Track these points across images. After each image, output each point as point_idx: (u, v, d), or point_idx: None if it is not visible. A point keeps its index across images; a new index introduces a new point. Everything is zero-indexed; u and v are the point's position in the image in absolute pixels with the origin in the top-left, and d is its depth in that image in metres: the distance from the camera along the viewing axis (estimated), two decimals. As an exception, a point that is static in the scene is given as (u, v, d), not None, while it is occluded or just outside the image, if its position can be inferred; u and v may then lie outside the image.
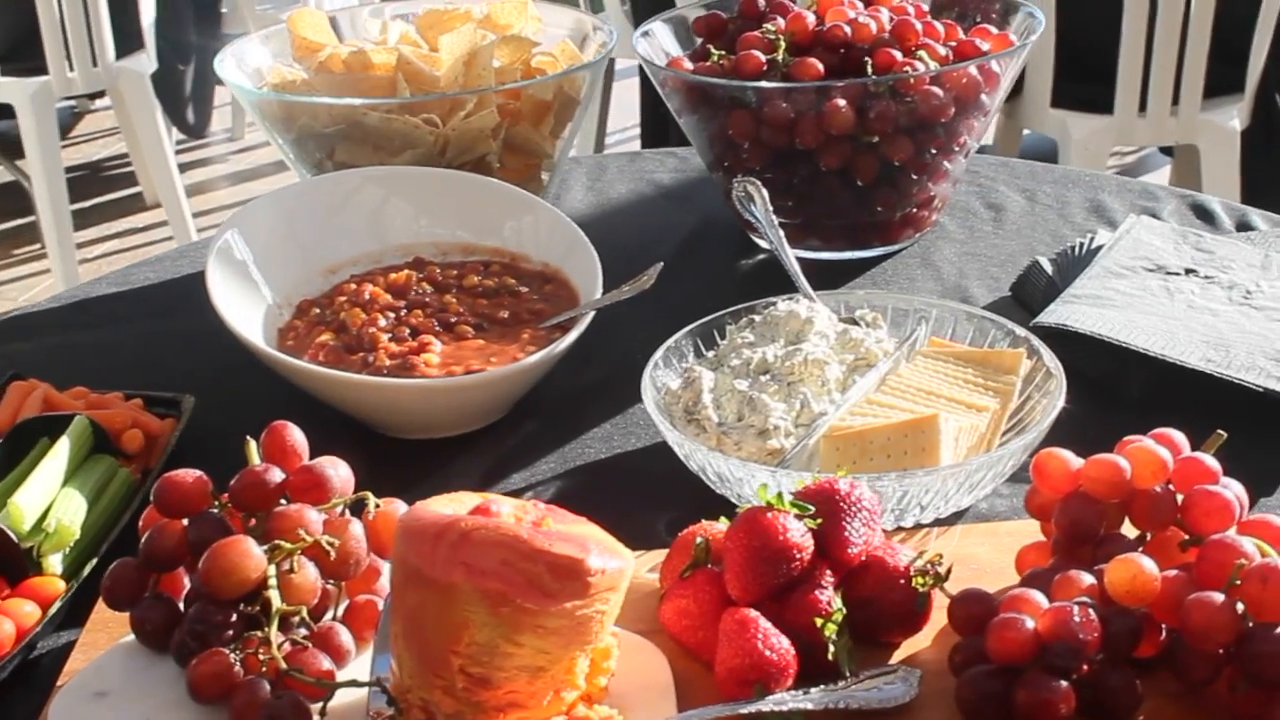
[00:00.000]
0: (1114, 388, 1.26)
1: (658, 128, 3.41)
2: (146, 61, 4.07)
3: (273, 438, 0.94)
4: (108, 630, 0.99)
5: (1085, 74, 2.98)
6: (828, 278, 1.48)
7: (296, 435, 0.95)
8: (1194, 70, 2.92)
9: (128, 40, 4.00)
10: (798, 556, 0.90)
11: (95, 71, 3.92)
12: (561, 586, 0.78)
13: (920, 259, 1.53)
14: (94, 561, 1.07)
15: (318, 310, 1.31)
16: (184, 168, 4.33)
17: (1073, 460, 0.94)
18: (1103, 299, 1.32)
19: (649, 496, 1.16)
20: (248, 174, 5.03)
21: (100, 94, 4.59)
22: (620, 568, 0.81)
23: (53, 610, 1.02)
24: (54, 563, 1.07)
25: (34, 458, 1.15)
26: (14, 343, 1.48)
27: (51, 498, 1.09)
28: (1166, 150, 3.90)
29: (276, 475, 0.92)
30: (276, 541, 0.88)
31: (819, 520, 0.92)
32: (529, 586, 0.77)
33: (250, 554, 0.86)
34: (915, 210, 1.52)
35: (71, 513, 1.08)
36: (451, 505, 0.83)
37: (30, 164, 4.01)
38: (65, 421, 1.18)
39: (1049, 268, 1.42)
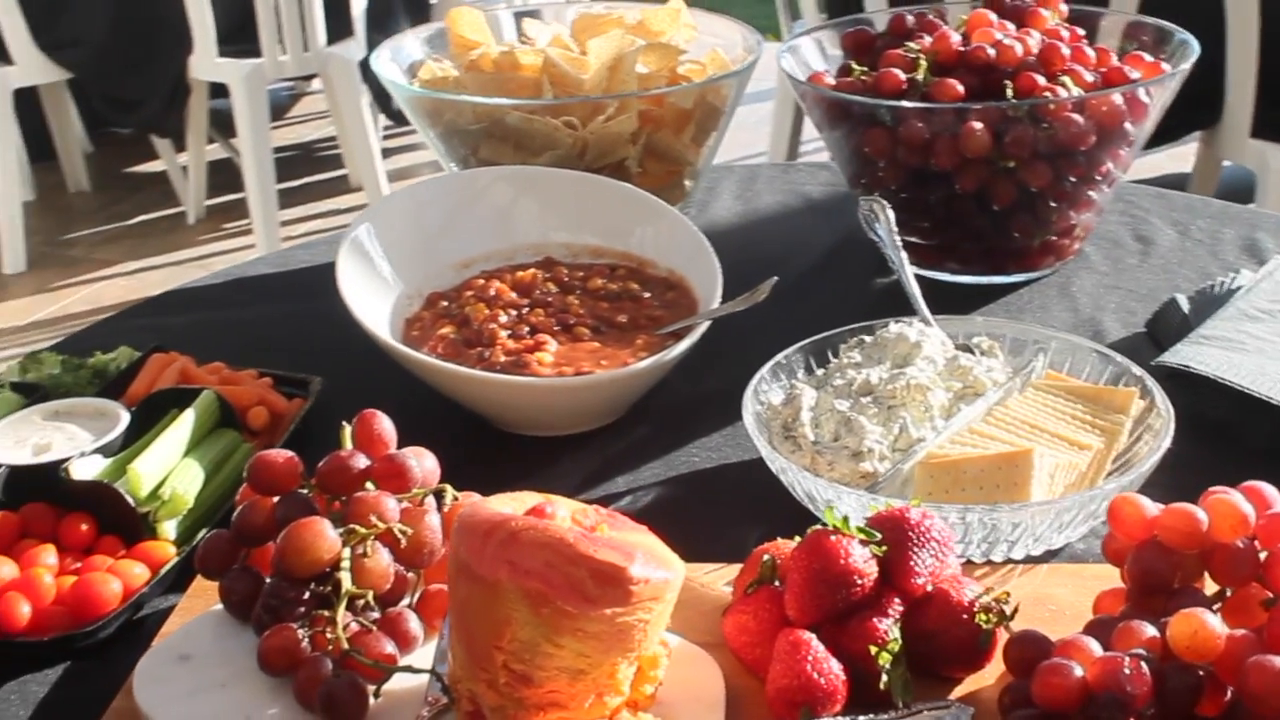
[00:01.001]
0: (1237, 435, 1.22)
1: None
2: (356, 48, 4.21)
3: (362, 425, 0.98)
4: (205, 597, 1.04)
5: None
6: (962, 301, 1.47)
7: (385, 424, 0.98)
8: None
9: (339, 27, 4.14)
10: (858, 582, 0.90)
11: (306, 56, 4.07)
12: (602, 592, 0.79)
13: (1059, 288, 1.51)
14: (205, 530, 1.13)
15: (445, 303, 1.35)
16: (387, 153, 4.47)
17: (1150, 507, 0.92)
18: (1233, 342, 1.28)
19: (746, 510, 1.17)
20: (449, 161, 5.15)
21: (314, 77, 4.76)
22: (665, 579, 0.83)
23: (161, 573, 1.08)
24: (168, 529, 1.13)
25: (161, 427, 1.21)
26: (169, 315, 1.56)
27: (171, 467, 1.15)
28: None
29: (361, 461, 0.96)
30: (352, 525, 0.91)
31: (885, 548, 0.92)
32: (570, 590, 0.79)
33: (325, 535, 0.90)
34: (1056, 238, 1.49)
35: (188, 482, 1.14)
36: (511, 504, 0.85)
37: (241, 142, 4.19)
38: (195, 395, 1.24)
39: (1186, 305, 1.39)
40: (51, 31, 4.08)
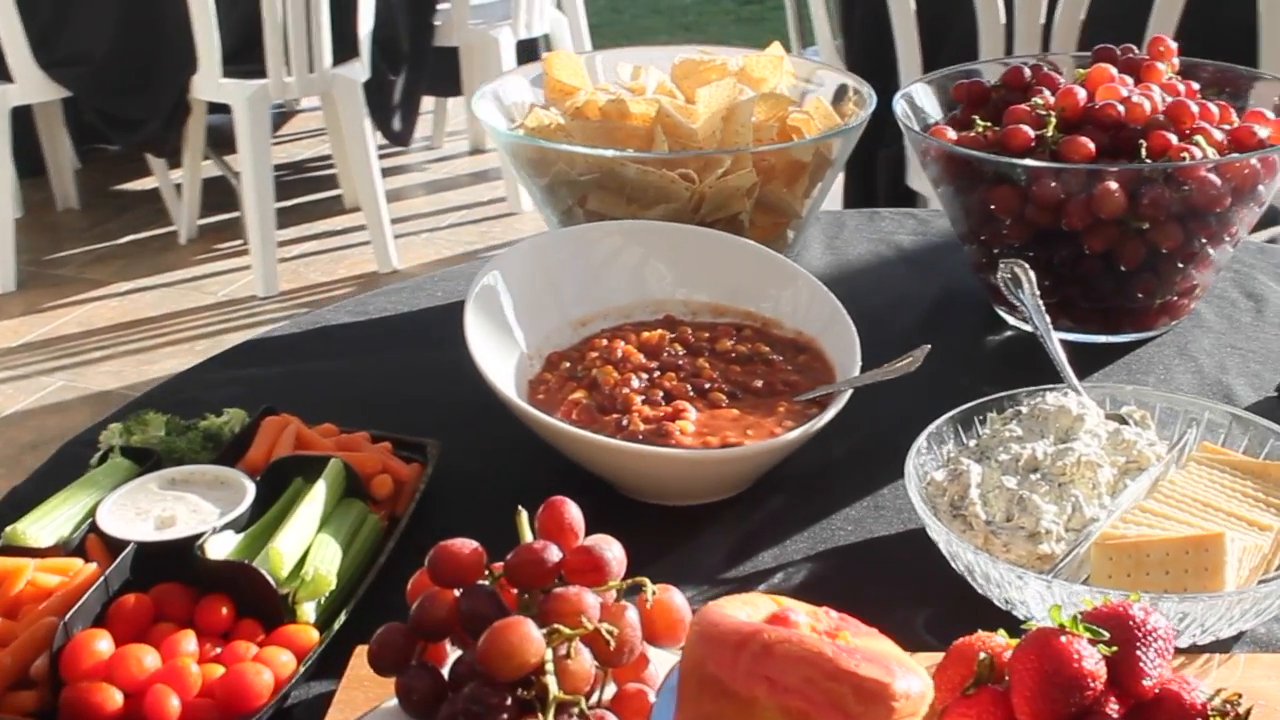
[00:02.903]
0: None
1: (867, 185, 3.36)
2: (361, 70, 4.15)
3: (550, 514, 0.93)
4: (364, 689, 0.99)
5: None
6: (1078, 362, 1.43)
7: (574, 512, 0.93)
8: None
9: (344, 48, 4.08)
10: (1091, 685, 0.86)
11: (311, 78, 4.01)
12: (865, 710, 0.75)
13: (1176, 348, 1.47)
14: (346, 612, 1.07)
15: (568, 364, 1.30)
16: (382, 174, 4.40)
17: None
18: (1388, 413, 1.25)
19: (905, 589, 1.13)
20: (444, 183, 5.10)
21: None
22: (922, 691, 0.78)
23: (308, 661, 1.02)
24: (308, 610, 1.07)
25: (289, 499, 1.15)
26: (255, 367, 1.50)
27: (308, 543, 1.09)
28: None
29: (555, 554, 0.90)
30: (556, 626, 0.86)
31: (1114, 647, 0.88)
32: (832, 707, 0.74)
33: (531, 638, 0.85)
34: (1175, 298, 1.46)
35: (328, 561, 1.08)
36: (746, 609, 0.80)
37: (242, 163, 4.12)
38: (318, 462, 1.18)
39: (1322, 370, 1.36)
40: (52, 50, 3.99)
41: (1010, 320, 1.52)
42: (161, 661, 1.00)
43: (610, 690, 0.91)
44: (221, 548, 1.08)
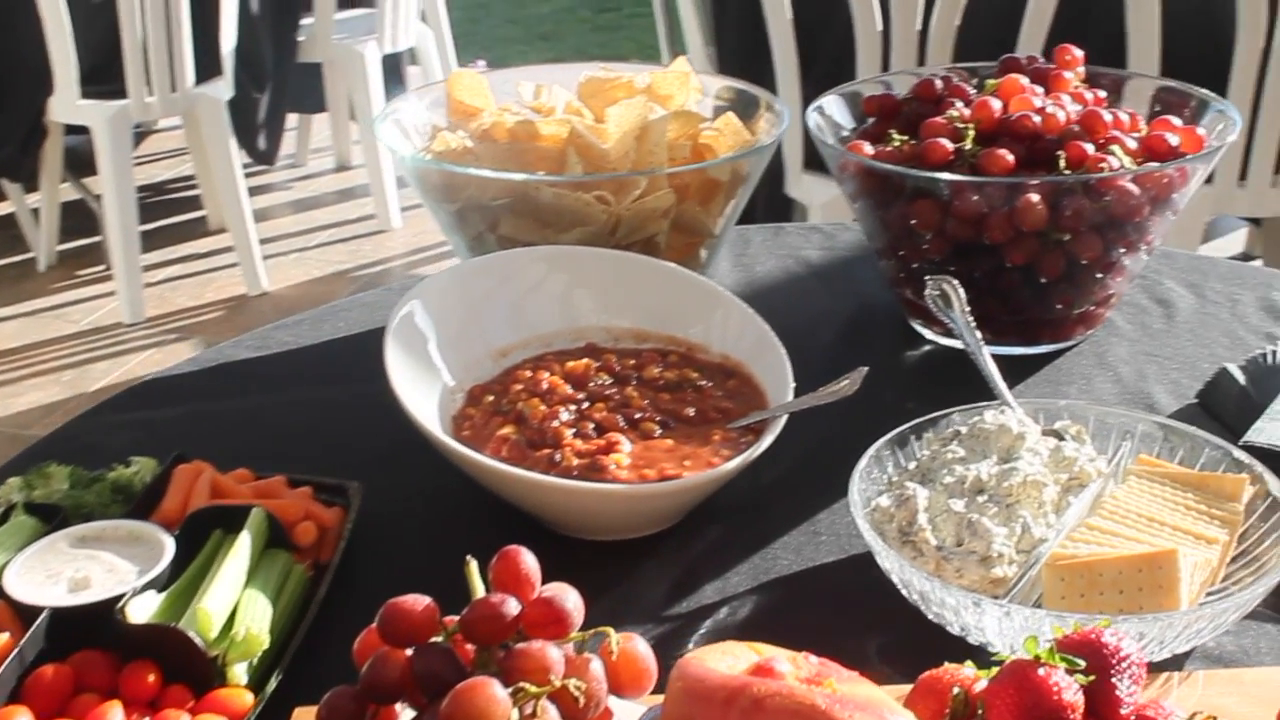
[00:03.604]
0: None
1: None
2: (224, 88, 4.04)
3: (506, 564, 0.88)
4: (308, 754, 0.93)
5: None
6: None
7: (530, 562, 0.89)
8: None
9: (207, 65, 3.97)
10: (1071, 717, 0.84)
11: (174, 97, 3.90)
12: (860, 762, 0.72)
13: (1095, 358, 1.47)
14: (280, 671, 1.02)
15: (491, 398, 1.25)
16: (249, 192, 4.30)
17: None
18: (1313, 418, 1.26)
19: (853, 617, 1.10)
20: (309, 202, 5.00)
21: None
22: (913, 740, 0.75)
23: (244, 726, 0.97)
24: (239, 672, 1.01)
25: (209, 553, 1.09)
26: (155, 408, 1.43)
27: (235, 600, 1.04)
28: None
29: (513, 607, 0.86)
30: (521, 685, 0.82)
31: (1091, 676, 0.86)
32: (827, 762, 0.71)
33: (497, 699, 0.80)
34: (1092, 308, 1.46)
35: (259, 618, 1.03)
36: (726, 660, 0.77)
37: (104, 186, 3.99)
38: (238, 512, 1.12)
39: (1240, 376, 1.36)
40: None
41: (928, 335, 1.50)
42: (87, 738, 0.94)
43: (574, 746, 0.87)
44: (143, 610, 1.02)
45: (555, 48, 7.69)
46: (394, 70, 4.79)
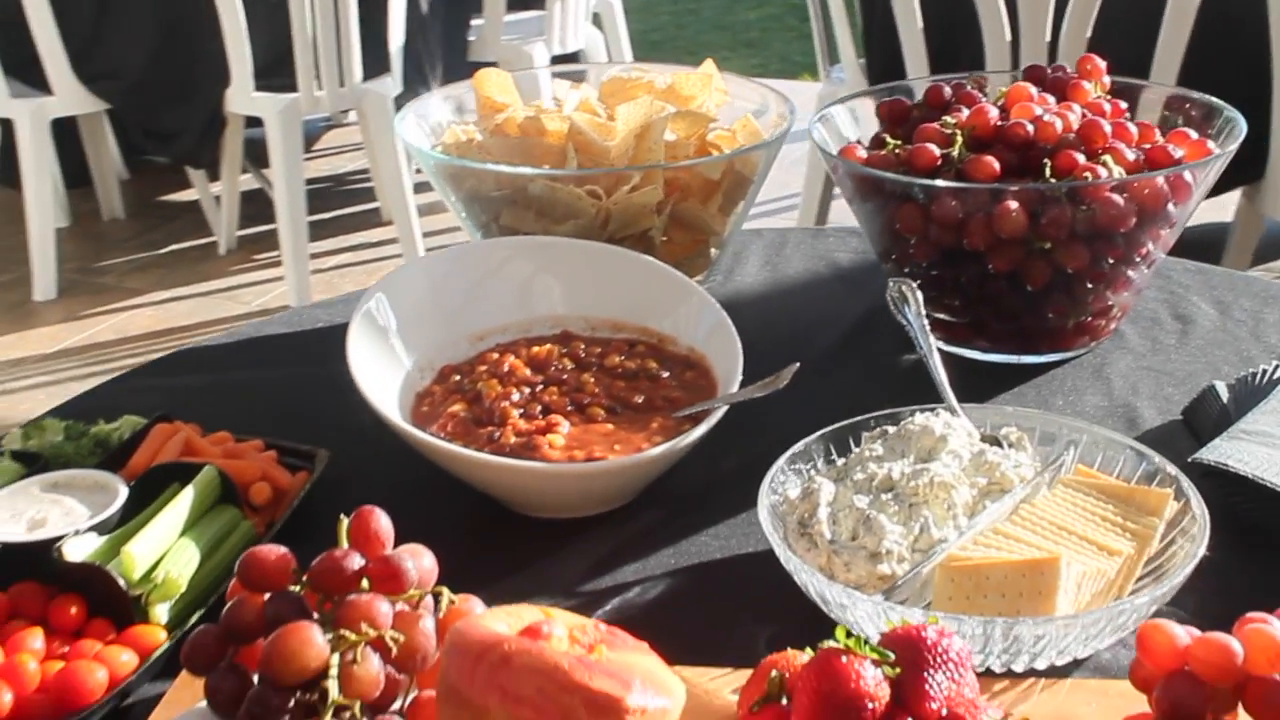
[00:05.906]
0: (1275, 537, 1.17)
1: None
2: (391, 84, 4.20)
3: (359, 522, 0.94)
4: (194, 689, 1.00)
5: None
6: (992, 381, 1.43)
7: (382, 521, 0.94)
8: None
9: (375, 62, 4.14)
10: (869, 706, 0.86)
11: (342, 92, 4.06)
12: (596, 723, 0.75)
13: (1093, 370, 1.46)
14: (199, 615, 1.09)
15: (458, 377, 1.31)
16: (419, 188, 4.45)
17: (1181, 635, 0.87)
18: (1275, 438, 1.23)
19: (756, 608, 1.13)
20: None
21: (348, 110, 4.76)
22: (663, 707, 0.79)
23: (150, 661, 1.04)
24: (160, 612, 1.09)
25: (159, 505, 1.17)
26: (178, 376, 1.52)
27: (166, 548, 1.12)
28: None
29: (356, 561, 0.92)
30: (342, 631, 0.87)
31: (898, 669, 0.87)
32: (563, 719, 0.75)
33: (312, 642, 0.86)
34: (1091, 318, 1.45)
35: (182, 565, 1.10)
36: (506, 621, 0.81)
37: (275, 176, 4.18)
38: (196, 469, 1.20)
39: (1225, 394, 1.34)
40: (91, 63, 4.08)
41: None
42: (4, 657, 1.03)
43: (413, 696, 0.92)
44: (80, 550, 1.11)
45: (759, 54, 7.72)
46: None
